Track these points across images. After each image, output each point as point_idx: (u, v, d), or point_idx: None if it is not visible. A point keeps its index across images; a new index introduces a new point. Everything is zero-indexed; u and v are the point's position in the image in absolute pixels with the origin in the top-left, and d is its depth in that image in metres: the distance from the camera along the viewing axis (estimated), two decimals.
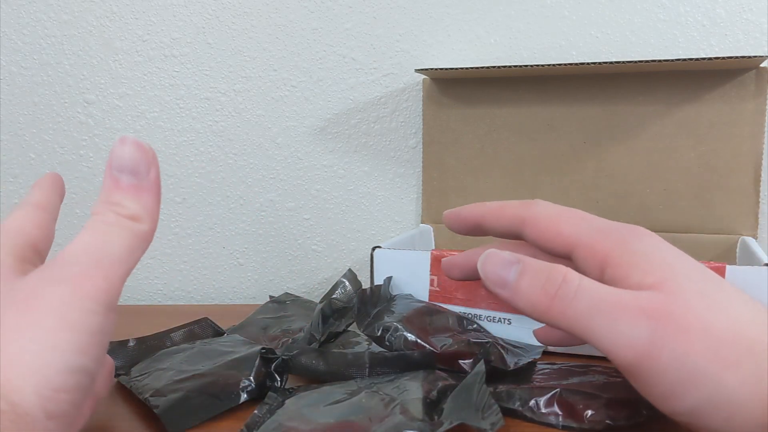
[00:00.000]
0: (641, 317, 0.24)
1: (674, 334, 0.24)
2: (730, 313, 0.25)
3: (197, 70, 0.60)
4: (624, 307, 0.25)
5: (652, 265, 0.26)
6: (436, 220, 0.59)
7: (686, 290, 0.25)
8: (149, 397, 0.32)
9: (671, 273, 0.26)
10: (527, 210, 0.31)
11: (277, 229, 0.62)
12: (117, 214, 0.25)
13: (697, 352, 0.23)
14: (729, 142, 0.51)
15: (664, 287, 0.25)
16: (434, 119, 0.58)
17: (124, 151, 0.25)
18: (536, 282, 0.27)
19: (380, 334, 0.37)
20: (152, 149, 0.26)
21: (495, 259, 0.28)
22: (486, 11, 0.57)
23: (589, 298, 0.25)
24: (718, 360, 0.23)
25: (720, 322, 0.24)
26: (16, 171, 0.63)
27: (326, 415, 0.29)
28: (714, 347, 0.24)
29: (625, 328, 0.24)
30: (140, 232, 0.25)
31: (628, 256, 0.27)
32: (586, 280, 0.26)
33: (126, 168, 0.25)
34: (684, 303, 0.25)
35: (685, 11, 0.54)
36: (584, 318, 0.25)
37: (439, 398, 0.30)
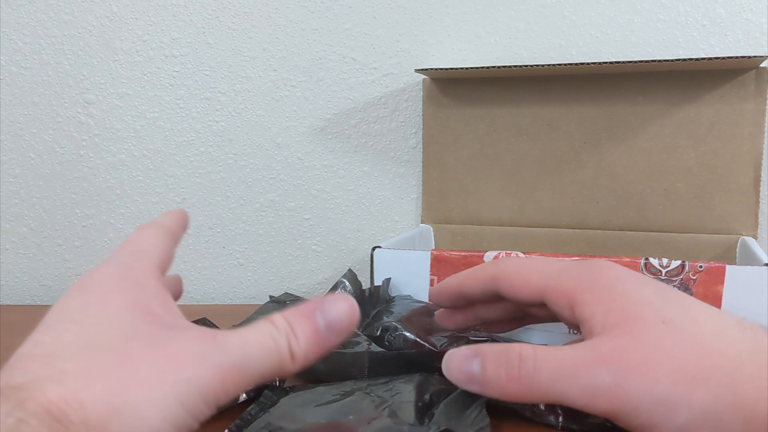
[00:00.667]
0: (600, 366, 0.25)
1: (636, 371, 0.24)
2: (694, 332, 0.25)
3: (197, 70, 0.60)
4: (582, 363, 0.25)
5: (613, 300, 0.27)
6: (436, 220, 0.59)
7: (647, 322, 0.26)
8: None
9: (632, 306, 0.26)
10: (496, 268, 0.32)
11: (277, 229, 0.62)
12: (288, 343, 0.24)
13: (662, 379, 0.24)
14: (729, 142, 0.51)
15: (624, 325, 0.26)
16: (434, 119, 0.58)
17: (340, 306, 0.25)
18: (498, 369, 0.27)
19: (380, 334, 0.37)
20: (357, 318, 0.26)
21: (455, 359, 0.28)
22: (486, 11, 0.57)
23: (549, 368, 0.26)
24: (685, 383, 0.24)
25: (682, 345, 0.25)
26: (16, 171, 0.63)
27: (316, 416, 0.29)
28: (678, 372, 0.24)
29: (587, 381, 0.25)
30: (285, 369, 0.25)
31: (590, 293, 0.28)
32: (540, 351, 0.27)
33: (329, 318, 0.25)
34: (644, 337, 0.25)
35: (685, 11, 0.54)
36: (552, 388, 0.26)
37: (432, 402, 0.30)
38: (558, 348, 0.27)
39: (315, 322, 0.25)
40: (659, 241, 0.54)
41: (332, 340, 0.25)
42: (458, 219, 0.58)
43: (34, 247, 0.64)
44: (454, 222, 0.58)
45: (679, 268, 0.38)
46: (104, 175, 0.62)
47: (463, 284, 0.33)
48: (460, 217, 0.58)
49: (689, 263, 0.37)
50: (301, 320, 0.25)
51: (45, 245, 0.63)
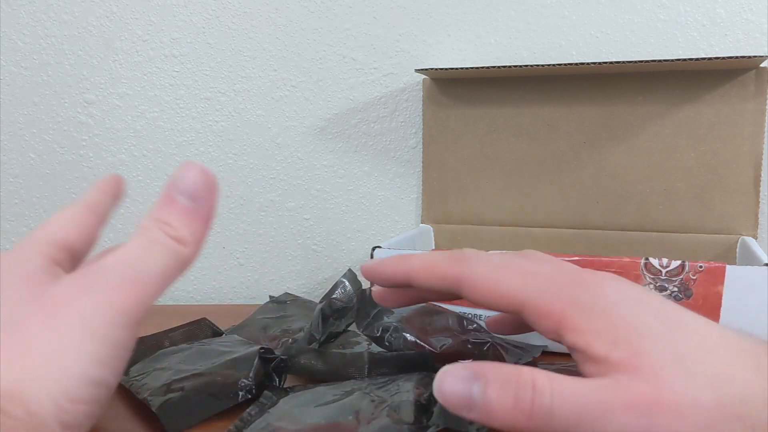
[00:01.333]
0: (630, 413, 0.23)
1: (668, 421, 0.22)
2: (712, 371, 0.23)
3: (197, 70, 0.60)
4: (609, 407, 0.23)
5: (615, 329, 0.24)
6: (436, 220, 0.59)
7: (663, 360, 0.24)
8: (148, 396, 0.32)
9: (639, 339, 0.24)
10: (461, 270, 0.28)
11: (277, 229, 0.62)
12: (165, 233, 0.25)
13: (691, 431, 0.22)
14: (729, 142, 0.51)
15: (639, 364, 0.23)
16: (434, 119, 0.58)
17: (188, 174, 0.25)
18: (506, 398, 0.24)
19: (380, 335, 0.37)
20: (215, 179, 0.26)
21: (451, 379, 0.25)
22: (486, 11, 0.57)
23: (568, 406, 0.23)
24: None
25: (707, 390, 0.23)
26: (16, 171, 0.63)
27: (315, 416, 0.29)
28: (706, 422, 0.23)
29: (616, 428, 0.23)
30: (183, 256, 0.25)
31: (584, 319, 0.25)
32: (557, 383, 0.24)
33: (186, 191, 0.25)
34: (668, 380, 0.23)
35: (685, 11, 0.54)
36: (570, 427, 0.23)
37: (431, 401, 0.30)
38: (577, 381, 0.24)
39: (177, 202, 0.25)
40: (659, 241, 0.54)
41: (206, 207, 0.25)
42: (458, 219, 0.58)
43: None
44: (454, 222, 0.58)
45: (679, 268, 0.38)
46: (104, 175, 0.62)
47: (412, 275, 0.29)
48: (460, 217, 0.58)
49: (689, 263, 0.37)
50: (164, 208, 0.25)
51: None
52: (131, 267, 0.24)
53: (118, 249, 0.24)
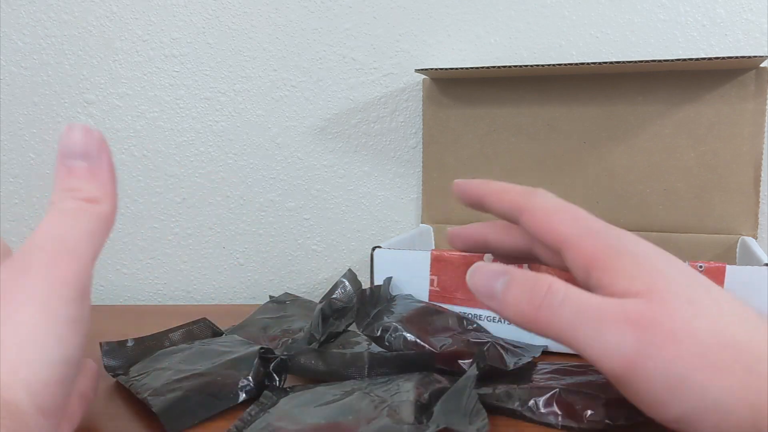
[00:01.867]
0: (627, 326, 0.24)
1: (661, 343, 0.24)
2: (719, 319, 0.25)
3: (197, 70, 0.60)
4: (610, 317, 0.25)
5: (639, 270, 0.26)
6: (436, 220, 0.59)
7: (674, 297, 0.25)
8: (148, 396, 0.32)
9: (659, 279, 0.26)
10: (527, 200, 0.30)
11: (277, 229, 0.62)
12: (75, 198, 0.25)
13: (684, 360, 0.24)
14: (729, 142, 0.51)
15: (651, 294, 0.25)
16: (434, 119, 0.58)
17: (72, 137, 0.26)
18: (523, 292, 0.27)
19: (380, 335, 0.37)
20: (100, 132, 0.26)
21: (483, 272, 0.28)
22: (486, 11, 0.57)
23: (574, 308, 0.25)
24: (705, 367, 0.23)
25: (707, 329, 0.24)
26: (16, 171, 0.63)
27: (315, 416, 0.29)
28: (701, 354, 0.24)
29: (611, 337, 0.24)
30: (101, 213, 0.25)
31: (614, 260, 0.27)
32: (572, 290, 0.26)
33: (77, 153, 0.26)
34: (671, 310, 0.24)
35: (685, 11, 0.54)
36: (570, 327, 0.25)
37: (431, 401, 0.30)
38: (591, 294, 0.26)
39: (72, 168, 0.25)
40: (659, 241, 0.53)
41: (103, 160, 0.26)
42: (458, 219, 0.58)
43: None
44: (454, 222, 0.58)
45: None
46: None
47: (486, 197, 0.32)
48: (460, 217, 0.58)
49: (689, 263, 0.37)
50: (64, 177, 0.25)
51: None
52: (58, 238, 0.24)
53: (39, 228, 0.24)
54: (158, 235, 0.63)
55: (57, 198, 0.25)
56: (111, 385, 0.37)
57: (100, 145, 0.26)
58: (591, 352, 0.25)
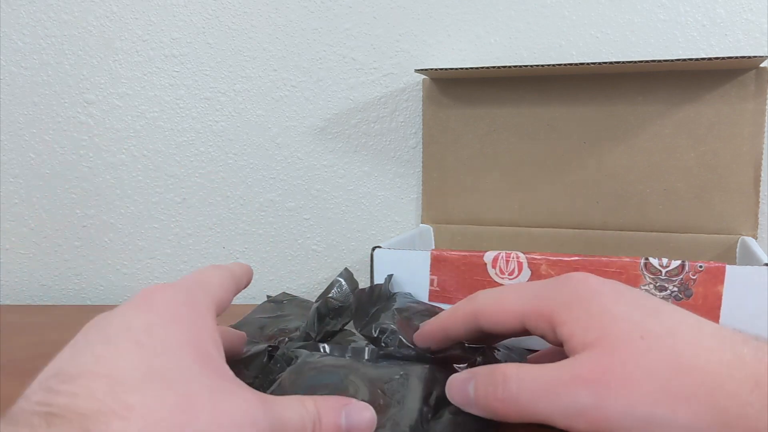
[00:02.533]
0: (580, 386, 0.25)
1: (616, 391, 0.24)
2: (673, 346, 0.25)
3: (197, 70, 0.60)
4: (561, 383, 0.26)
5: (590, 317, 0.27)
6: (436, 220, 0.59)
7: (625, 337, 0.25)
8: None
9: (608, 322, 0.26)
10: (473, 304, 0.32)
11: (277, 229, 0.62)
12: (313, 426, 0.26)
13: (644, 399, 0.24)
14: (729, 142, 0.51)
15: (602, 342, 0.26)
16: (434, 119, 0.58)
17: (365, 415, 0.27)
18: (486, 389, 0.28)
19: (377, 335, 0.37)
20: None
21: (455, 383, 0.30)
22: (486, 11, 0.57)
23: (529, 389, 0.26)
24: (667, 402, 0.24)
25: (662, 362, 0.24)
26: (16, 171, 0.63)
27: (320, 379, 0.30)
28: (660, 389, 0.24)
29: (567, 402, 0.25)
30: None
31: (567, 312, 0.27)
32: (524, 371, 0.27)
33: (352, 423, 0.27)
34: (623, 354, 0.25)
35: (685, 11, 0.54)
36: (533, 408, 0.26)
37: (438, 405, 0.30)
38: (541, 367, 0.27)
39: (339, 419, 0.26)
40: (659, 241, 0.54)
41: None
42: (458, 219, 0.58)
43: (34, 247, 0.64)
44: (454, 222, 0.58)
45: (679, 268, 0.38)
46: (104, 175, 0.62)
47: (445, 327, 0.33)
48: (460, 217, 0.58)
49: (689, 263, 0.37)
50: (329, 413, 0.26)
51: (45, 245, 0.63)
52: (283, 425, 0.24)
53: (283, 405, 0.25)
54: (158, 235, 0.63)
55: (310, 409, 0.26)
56: None
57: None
58: (559, 422, 0.26)
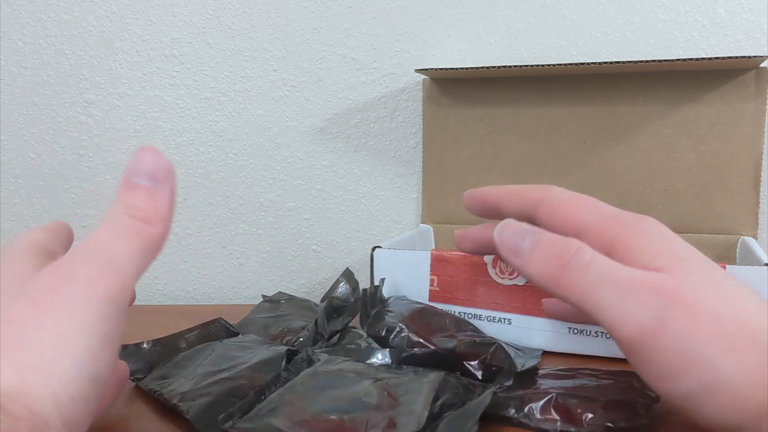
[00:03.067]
0: (649, 295, 0.25)
1: (680, 315, 0.24)
2: (737, 300, 0.25)
3: (197, 70, 0.60)
4: (633, 283, 0.25)
5: (660, 248, 0.26)
6: (436, 220, 0.59)
7: (695, 274, 0.25)
8: (178, 402, 0.32)
9: (680, 257, 0.26)
10: (543, 193, 0.31)
11: (277, 229, 0.62)
12: (131, 216, 0.25)
13: (701, 334, 0.24)
14: (729, 142, 0.51)
15: (672, 269, 0.25)
16: (434, 119, 0.58)
17: (143, 157, 0.26)
18: (549, 252, 0.27)
19: (384, 335, 0.37)
20: (170, 162, 0.26)
21: (512, 228, 0.29)
22: (486, 11, 0.57)
23: (599, 272, 0.26)
24: (721, 344, 0.23)
25: (726, 307, 0.24)
26: (16, 171, 0.63)
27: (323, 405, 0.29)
28: (718, 331, 0.24)
29: (631, 304, 0.25)
30: (153, 235, 0.25)
31: (636, 240, 0.27)
32: (599, 255, 0.26)
33: (143, 173, 0.26)
34: (692, 285, 0.25)
35: (685, 11, 0.54)
36: (592, 290, 0.26)
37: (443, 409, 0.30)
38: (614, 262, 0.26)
39: (137, 185, 0.25)
40: None
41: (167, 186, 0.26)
42: (458, 219, 0.58)
43: None
44: (454, 222, 0.58)
45: None
46: (104, 175, 0.62)
47: (503, 198, 0.33)
48: (460, 217, 0.58)
49: None
50: (126, 193, 0.25)
51: None
52: (106, 252, 0.23)
53: (90, 237, 0.24)
54: None
55: (113, 211, 0.25)
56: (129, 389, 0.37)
57: (168, 172, 0.26)
58: (610, 316, 0.25)
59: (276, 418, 0.28)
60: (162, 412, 0.33)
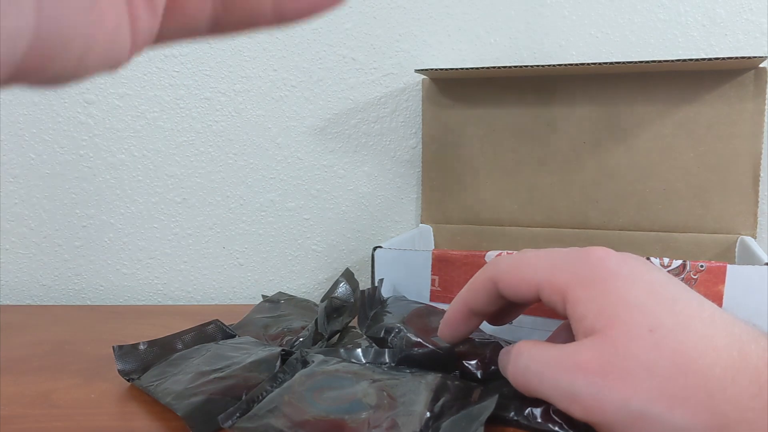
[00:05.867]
0: (578, 373, 0.25)
1: (613, 384, 0.24)
2: (681, 343, 0.24)
3: (197, 70, 0.60)
4: (562, 366, 0.26)
5: (604, 300, 0.26)
6: (436, 220, 0.59)
7: (634, 330, 0.25)
8: (171, 401, 0.32)
9: (621, 309, 0.26)
10: (493, 270, 0.32)
11: (277, 229, 0.62)
12: None
13: (641, 395, 0.24)
14: (728, 142, 0.51)
15: (610, 332, 0.26)
16: (434, 119, 0.58)
17: None
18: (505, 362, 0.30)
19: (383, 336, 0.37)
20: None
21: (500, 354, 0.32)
22: (486, 11, 0.57)
23: (536, 367, 0.28)
24: (665, 399, 0.23)
25: (666, 359, 0.24)
26: (16, 171, 0.63)
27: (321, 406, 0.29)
28: (659, 387, 0.24)
29: (566, 386, 0.26)
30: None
31: (581, 290, 0.27)
32: (536, 349, 0.28)
33: None
34: (627, 348, 0.25)
35: (685, 11, 0.54)
36: (537, 384, 0.27)
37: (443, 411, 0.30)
38: (551, 347, 0.28)
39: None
40: (659, 241, 0.54)
41: None
42: (458, 219, 0.58)
43: (34, 247, 0.64)
44: (454, 222, 0.58)
45: (680, 268, 0.38)
46: (104, 175, 0.62)
47: (467, 301, 0.33)
48: (460, 217, 0.58)
49: (690, 263, 0.38)
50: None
51: (45, 245, 0.63)
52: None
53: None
54: (158, 235, 0.63)
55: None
56: (125, 389, 0.37)
57: None
58: (557, 403, 0.26)
59: (276, 418, 0.28)
60: (157, 411, 0.33)
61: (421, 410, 0.29)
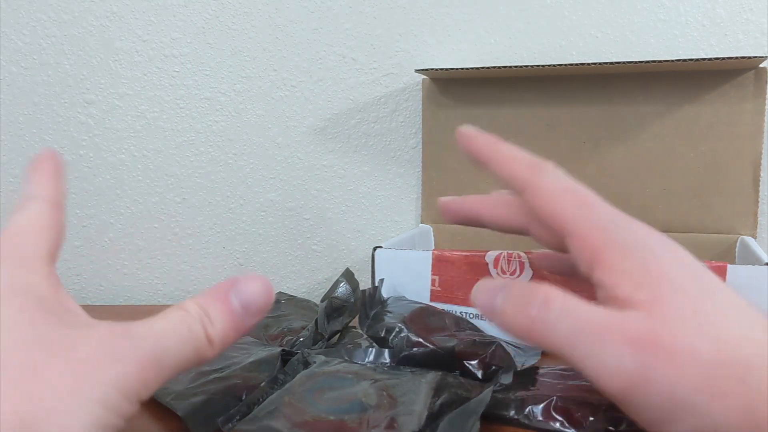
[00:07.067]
0: (627, 346, 0.23)
1: (662, 365, 0.23)
2: (723, 333, 0.24)
3: (197, 70, 0.60)
4: (609, 334, 0.24)
5: (645, 275, 0.25)
6: (436, 220, 0.59)
7: (678, 311, 0.24)
8: (171, 400, 0.32)
9: (664, 288, 0.24)
10: (532, 176, 0.29)
11: (277, 229, 0.62)
12: (203, 326, 0.24)
13: (686, 383, 0.23)
14: (728, 142, 0.51)
15: (653, 308, 0.24)
16: (434, 119, 0.58)
17: (254, 285, 0.25)
18: (518, 305, 0.26)
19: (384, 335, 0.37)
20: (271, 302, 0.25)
21: (484, 287, 0.28)
22: (486, 11, 0.57)
23: (572, 322, 0.24)
24: (707, 389, 0.23)
25: (711, 347, 0.23)
26: (16, 171, 0.63)
27: (322, 407, 0.29)
28: (703, 376, 0.23)
29: (610, 357, 0.24)
30: (205, 355, 0.24)
31: (620, 260, 0.25)
32: (570, 302, 0.25)
33: (244, 296, 0.24)
34: (674, 328, 0.24)
35: (685, 11, 0.54)
36: (567, 342, 0.24)
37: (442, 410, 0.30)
38: (590, 306, 0.25)
39: (229, 303, 0.24)
40: None
41: (248, 321, 0.25)
42: None
43: None
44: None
45: None
46: (104, 175, 0.62)
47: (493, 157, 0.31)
48: None
49: None
50: (215, 303, 0.24)
51: None
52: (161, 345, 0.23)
53: (156, 320, 0.23)
54: (158, 235, 0.63)
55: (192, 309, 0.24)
56: None
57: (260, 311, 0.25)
58: (590, 370, 0.24)
59: (275, 420, 0.28)
60: (157, 411, 0.33)
61: (421, 409, 0.29)
